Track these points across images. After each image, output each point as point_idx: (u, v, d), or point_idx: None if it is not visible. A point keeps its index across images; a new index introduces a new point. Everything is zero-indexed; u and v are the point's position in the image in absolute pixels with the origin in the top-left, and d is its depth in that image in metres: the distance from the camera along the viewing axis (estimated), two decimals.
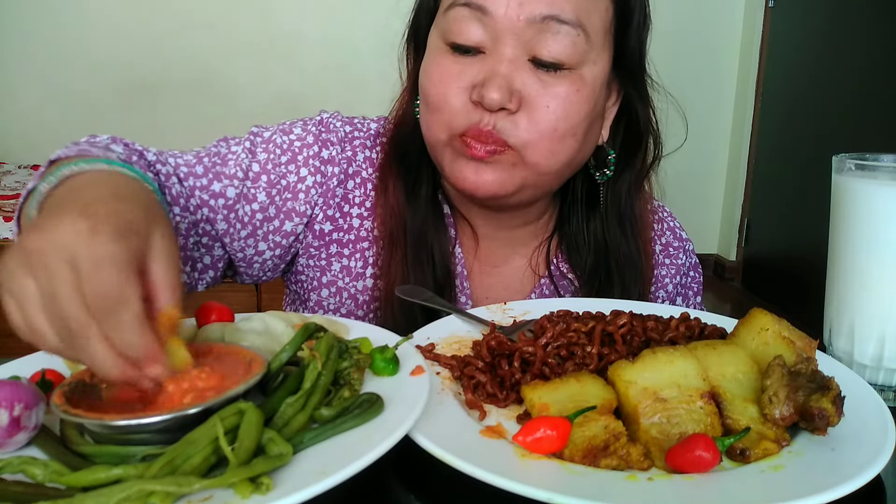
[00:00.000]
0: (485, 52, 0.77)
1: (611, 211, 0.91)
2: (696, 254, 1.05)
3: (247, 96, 3.52)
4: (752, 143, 3.93)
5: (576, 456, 0.49)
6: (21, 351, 0.62)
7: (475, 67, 0.77)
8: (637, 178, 0.92)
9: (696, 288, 1.05)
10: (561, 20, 0.75)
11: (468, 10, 0.77)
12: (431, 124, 0.81)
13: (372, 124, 0.94)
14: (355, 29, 3.52)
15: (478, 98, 0.76)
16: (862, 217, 0.69)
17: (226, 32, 3.46)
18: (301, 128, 0.88)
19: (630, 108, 0.88)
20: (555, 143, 0.78)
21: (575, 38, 0.76)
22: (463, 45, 0.77)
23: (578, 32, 0.76)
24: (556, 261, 0.94)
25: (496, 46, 0.76)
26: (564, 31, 0.75)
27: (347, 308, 0.90)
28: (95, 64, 3.39)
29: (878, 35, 2.89)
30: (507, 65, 0.76)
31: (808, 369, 0.54)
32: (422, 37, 0.85)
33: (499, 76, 0.75)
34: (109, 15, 3.37)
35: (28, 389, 0.48)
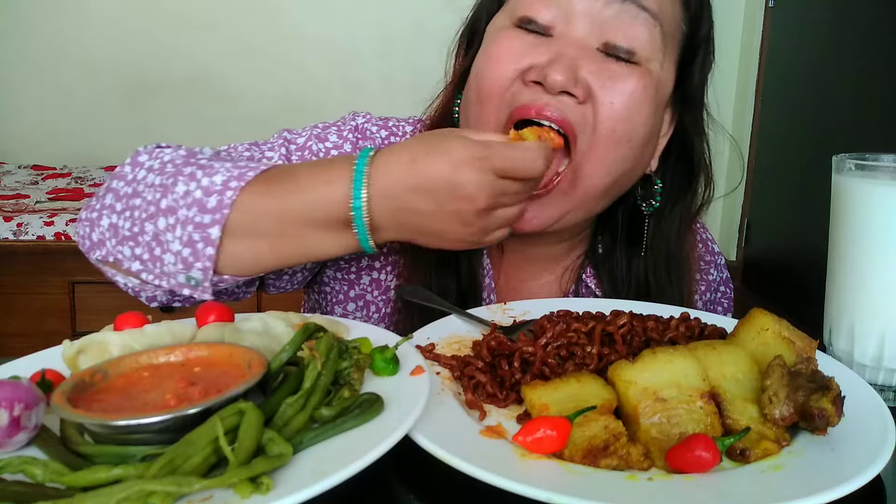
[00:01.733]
0: (553, 36, 0.73)
1: (658, 251, 0.86)
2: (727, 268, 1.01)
3: (247, 96, 3.51)
4: (752, 143, 3.93)
5: (576, 456, 0.49)
6: (21, 351, 0.62)
7: (540, 49, 0.72)
8: (686, 217, 0.86)
9: (726, 304, 1.01)
10: (641, 6, 0.72)
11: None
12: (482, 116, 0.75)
13: (407, 127, 0.90)
14: (355, 29, 3.52)
15: (538, 77, 0.71)
16: (862, 217, 0.69)
17: (226, 32, 3.46)
18: (337, 135, 0.85)
19: (684, 140, 0.83)
20: (611, 148, 0.73)
21: (652, 28, 0.72)
22: (533, 18, 0.73)
23: (656, 24, 0.73)
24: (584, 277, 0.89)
25: (567, 29, 0.72)
26: (643, 17, 0.72)
27: (373, 322, 0.88)
28: (95, 64, 3.39)
29: (878, 35, 2.88)
30: (575, 49, 0.71)
31: (808, 369, 0.54)
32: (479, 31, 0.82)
33: (566, 58, 0.71)
34: (109, 15, 3.37)
35: (28, 389, 0.48)
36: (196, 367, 0.54)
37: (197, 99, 3.50)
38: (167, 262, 0.66)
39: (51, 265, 2.43)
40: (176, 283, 0.67)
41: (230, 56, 3.48)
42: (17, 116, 3.39)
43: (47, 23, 3.33)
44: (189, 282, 0.66)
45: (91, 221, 0.70)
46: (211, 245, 0.64)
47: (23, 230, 2.42)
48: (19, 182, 2.99)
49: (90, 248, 0.71)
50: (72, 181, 3.05)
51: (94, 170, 3.23)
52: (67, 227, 2.44)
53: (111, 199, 0.69)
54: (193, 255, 0.64)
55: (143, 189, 0.67)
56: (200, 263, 0.65)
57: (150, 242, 0.66)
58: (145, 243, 0.66)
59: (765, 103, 3.83)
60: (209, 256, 0.64)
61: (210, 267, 0.65)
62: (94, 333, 0.58)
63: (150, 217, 0.66)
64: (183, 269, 0.65)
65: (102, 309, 2.45)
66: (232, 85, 3.50)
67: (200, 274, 0.65)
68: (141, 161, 0.71)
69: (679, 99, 0.82)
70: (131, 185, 0.69)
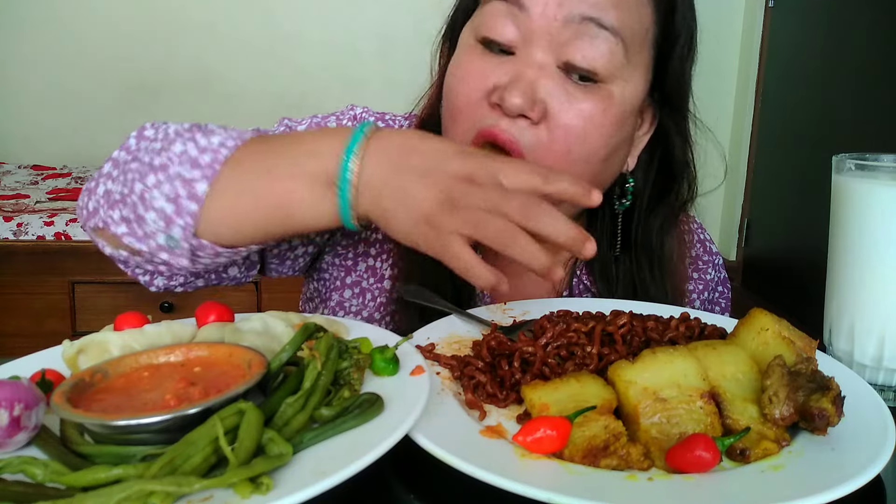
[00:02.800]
0: (514, 54, 0.74)
1: (641, 249, 0.86)
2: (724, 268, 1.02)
3: (247, 96, 3.51)
4: (752, 143, 3.93)
5: (576, 456, 0.49)
6: (21, 351, 0.62)
7: (503, 69, 0.73)
8: (669, 214, 0.86)
9: (723, 304, 1.02)
10: (601, 24, 0.71)
11: (505, 5, 0.73)
12: (449, 129, 0.77)
13: (403, 121, 0.91)
14: (355, 29, 3.52)
15: (497, 100, 0.72)
16: (862, 217, 0.69)
17: (226, 32, 3.46)
18: (336, 123, 0.86)
19: (667, 141, 0.83)
20: (565, 166, 0.73)
21: (613, 47, 0.71)
22: (494, 40, 0.73)
23: (617, 41, 0.72)
24: (579, 273, 0.90)
25: (527, 48, 0.72)
26: (603, 36, 0.71)
27: (369, 311, 0.88)
28: (95, 64, 3.39)
29: (878, 35, 2.89)
30: (535, 70, 0.72)
31: (808, 369, 0.54)
32: (457, 34, 0.82)
33: (524, 80, 0.71)
34: (109, 15, 3.37)
35: (28, 389, 0.48)
36: (196, 367, 0.54)
37: (197, 99, 3.50)
38: (149, 221, 0.63)
39: (51, 265, 2.43)
40: (155, 245, 0.64)
41: (230, 56, 3.48)
42: (17, 116, 3.39)
43: (47, 23, 3.33)
44: (168, 243, 0.64)
45: (89, 191, 0.70)
46: (195, 201, 0.62)
47: (23, 230, 2.42)
48: (19, 182, 2.99)
49: (87, 217, 0.70)
50: (72, 181, 3.05)
51: (93, 170, 3.23)
52: (67, 227, 2.44)
53: (109, 167, 0.69)
54: (176, 210, 0.62)
55: (141, 154, 0.66)
56: (182, 220, 0.62)
57: (137, 202, 0.64)
58: (132, 203, 0.64)
59: (765, 103, 3.83)
60: (192, 213, 0.62)
61: (191, 224, 0.62)
62: (94, 333, 0.58)
63: (141, 177, 0.64)
64: (164, 226, 0.63)
65: (102, 309, 2.45)
66: (232, 85, 3.50)
67: (180, 232, 0.63)
68: (146, 134, 0.70)
69: (658, 97, 0.81)
70: (132, 153, 0.68)
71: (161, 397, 0.49)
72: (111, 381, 0.52)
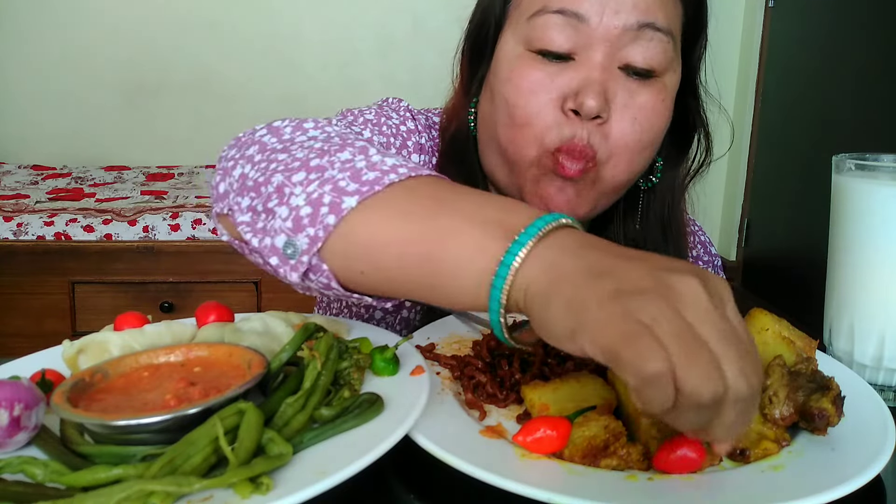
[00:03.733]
0: (574, 59, 0.75)
1: (652, 217, 0.89)
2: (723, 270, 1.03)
3: (247, 96, 3.51)
4: (752, 143, 3.93)
5: (576, 456, 0.49)
6: (21, 351, 0.62)
7: (567, 75, 0.75)
8: (682, 182, 0.89)
9: None
10: (656, 27, 0.75)
11: (562, 17, 0.74)
12: (518, 139, 0.77)
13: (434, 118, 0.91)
14: (355, 29, 3.52)
15: (574, 106, 0.74)
16: (862, 217, 0.69)
17: (226, 32, 3.46)
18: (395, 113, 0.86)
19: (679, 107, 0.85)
20: (636, 154, 0.77)
21: (666, 46, 0.76)
22: (555, 52, 0.75)
23: (669, 39, 0.76)
24: None
25: (588, 53, 0.75)
26: (658, 38, 0.75)
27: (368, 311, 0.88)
28: (95, 64, 3.39)
29: (878, 35, 2.89)
30: (601, 71, 0.74)
31: (808, 369, 0.54)
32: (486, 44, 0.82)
33: (595, 83, 0.73)
34: (109, 15, 3.37)
35: (28, 389, 0.48)
36: (196, 367, 0.54)
37: (197, 99, 3.50)
38: (278, 216, 0.55)
39: (51, 265, 2.43)
40: (271, 244, 0.55)
41: (230, 56, 3.48)
42: (17, 116, 3.39)
43: (47, 23, 3.33)
44: (286, 249, 0.54)
45: (224, 171, 0.62)
46: (336, 213, 0.52)
47: (23, 230, 2.42)
48: (19, 182, 2.99)
49: (215, 199, 0.62)
50: (72, 181, 3.05)
51: (94, 170, 3.23)
52: (67, 227, 2.44)
53: (254, 150, 0.61)
54: (311, 217, 0.53)
55: (296, 148, 0.59)
56: (312, 230, 0.53)
57: (272, 193, 0.56)
58: (266, 194, 0.56)
59: (765, 103, 3.83)
60: (326, 226, 0.52)
61: (321, 237, 0.52)
62: (94, 333, 0.58)
63: (287, 169, 0.56)
64: (291, 229, 0.54)
65: (102, 309, 2.45)
66: (232, 85, 3.50)
67: (305, 242, 0.53)
68: (306, 127, 0.64)
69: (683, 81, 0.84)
70: (285, 142, 0.61)
71: (161, 397, 0.49)
72: (111, 381, 0.52)
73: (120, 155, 3.43)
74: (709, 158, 0.89)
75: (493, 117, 0.80)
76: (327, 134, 0.62)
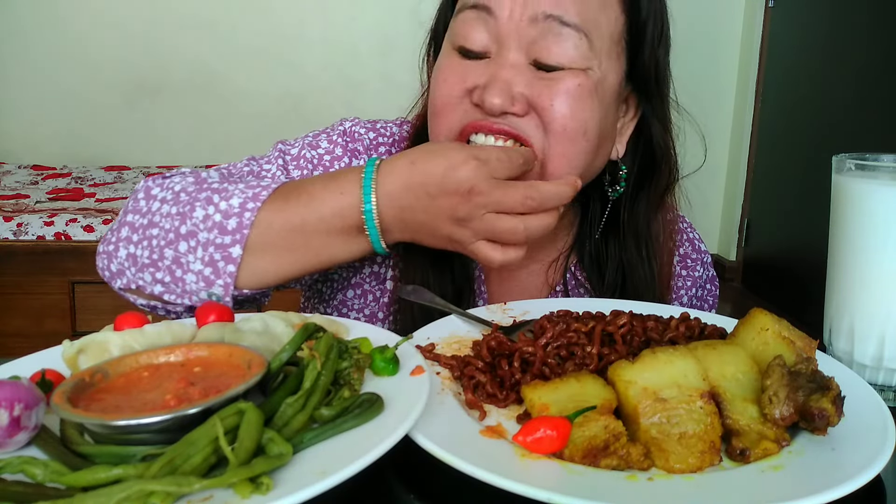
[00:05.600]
0: (489, 57, 0.78)
1: (628, 231, 0.90)
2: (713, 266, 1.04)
3: (247, 97, 3.52)
4: (752, 143, 3.93)
5: (576, 456, 0.49)
6: (21, 351, 0.62)
7: (479, 70, 0.78)
8: (652, 198, 0.90)
9: (711, 301, 1.04)
10: (563, 22, 0.75)
11: (475, 11, 0.78)
12: (434, 129, 0.81)
13: (394, 128, 0.94)
14: (355, 29, 3.53)
15: (478, 101, 0.77)
16: (862, 217, 0.69)
17: (226, 33, 3.46)
18: (327, 140, 0.90)
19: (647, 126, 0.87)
20: (567, 144, 0.77)
21: (577, 42, 0.76)
22: (469, 49, 0.78)
23: (581, 37, 0.76)
24: (573, 269, 0.93)
25: (500, 51, 0.77)
26: (566, 33, 0.75)
27: (371, 310, 0.91)
28: (95, 64, 3.39)
29: (878, 35, 2.89)
30: (508, 69, 0.76)
31: (808, 369, 0.54)
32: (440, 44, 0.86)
33: (500, 80, 0.76)
34: (109, 15, 3.37)
35: (28, 389, 0.48)
36: (196, 367, 0.54)
37: (197, 99, 3.50)
38: (188, 282, 0.71)
39: (51, 265, 2.43)
40: (197, 299, 0.72)
41: (230, 56, 3.48)
42: (17, 116, 3.40)
43: (47, 23, 3.34)
44: (210, 297, 0.72)
45: (108, 254, 0.76)
46: (232, 263, 0.70)
47: (23, 230, 2.42)
48: (19, 182, 3.00)
49: (111, 278, 0.77)
50: (72, 181, 3.05)
51: (94, 170, 3.23)
52: (67, 227, 2.44)
53: (127, 231, 0.75)
54: (214, 273, 0.70)
55: (159, 219, 0.73)
56: (221, 280, 0.70)
57: (171, 266, 0.72)
58: (166, 267, 0.72)
59: (765, 103, 3.83)
60: (230, 273, 0.70)
61: (231, 283, 0.71)
62: (94, 333, 0.58)
63: (169, 243, 0.72)
64: (205, 286, 0.71)
65: (102, 309, 2.45)
66: (232, 85, 3.51)
67: (221, 290, 0.71)
68: (154, 194, 0.76)
69: (637, 86, 0.84)
70: (146, 216, 0.74)
71: (161, 397, 0.49)
72: (111, 381, 0.52)
73: (120, 155, 3.43)
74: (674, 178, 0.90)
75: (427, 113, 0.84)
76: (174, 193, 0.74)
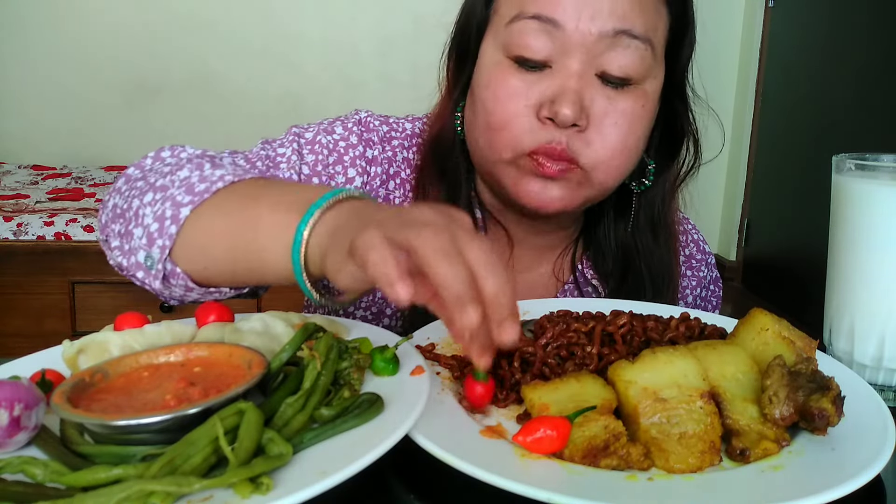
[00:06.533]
0: (551, 67, 0.76)
1: (643, 218, 0.90)
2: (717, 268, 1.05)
3: (247, 96, 3.51)
4: (752, 143, 3.93)
5: (576, 456, 0.49)
6: (21, 351, 0.62)
7: (543, 83, 0.76)
8: (672, 185, 0.90)
9: (714, 302, 1.04)
10: (632, 35, 0.74)
11: (538, 23, 0.74)
12: (494, 143, 0.78)
13: (406, 124, 0.93)
14: (355, 29, 3.52)
15: (549, 114, 0.75)
16: (862, 217, 0.69)
17: (226, 32, 3.46)
18: (342, 127, 0.87)
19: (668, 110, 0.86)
20: (621, 159, 0.78)
21: (643, 53, 0.76)
22: (531, 59, 0.76)
23: (647, 47, 0.76)
24: (581, 266, 0.93)
25: (564, 61, 0.75)
26: (634, 45, 0.75)
27: (378, 307, 0.90)
28: (95, 64, 3.39)
29: (878, 35, 2.89)
30: (576, 80, 0.75)
31: (808, 369, 0.54)
32: (469, 48, 0.83)
33: (571, 91, 0.74)
34: (109, 15, 3.37)
35: (28, 389, 0.48)
36: (196, 367, 0.54)
37: (197, 99, 3.50)
38: (135, 236, 0.66)
39: (51, 265, 2.43)
40: (135, 261, 0.66)
41: (230, 56, 3.48)
42: (17, 116, 3.39)
43: (47, 22, 3.33)
44: (146, 262, 0.65)
45: (104, 204, 0.74)
46: (176, 224, 0.63)
47: (23, 230, 2.42)
48: (19, 182, 2.99)
49: (100, 229, 0.73)
50: (72, 181, 3.04)
51: (94, 170, 3.23)
52: (67, 227, 2.44)
53: (122, 182, 0.73)
54: (159, 230, 0.64)
55: (149, 174, 0.70)
56: (161, 241, 0.64)
57: (131, 217, 0.67)
58: (128, 218, 0.67)
59: (765, 103, 3.83)
60: (170, 235, 0.63)
61: (167, 246, 0.64)
62: (94, 333, 0.58)
63: (140, 194, 0.67)
64: (146, 244, 0.65)
65: (102, 309, 2.45)
66: (232, 85, 3.50)
67: (158, 253, 0.64)
68: (163, 156, 0.74)
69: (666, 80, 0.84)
70: (143, 171, 0.72)
71: (161, 397, 0.49)
72: (111, 381, 0.52)
73: (120, 155, 3.43)
74: (698, 162, 0.90)
75: (473, 122, 0.81)
76: (178, 157, 0.72)
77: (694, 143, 0.89)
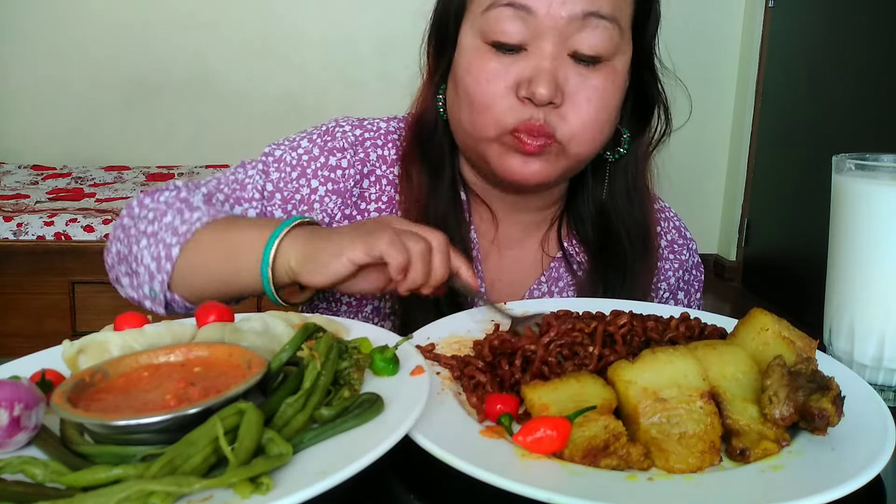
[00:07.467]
0: (527, 50, 0.80)
1: (619, 184, 0.94)
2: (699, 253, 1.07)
3: (247, 96, 3.52)
4: (752, 143, 3.93)
5: (576, 456, 0.49)
6: (21, 351, 0.62)
7: (520, 65, 0.80)
8: (645, 151, 0.95)
9: (696, 286, 1.07)
10: (600, 15, 0.79)
11: (512, 10, 0.79)
12: (478, 123, 0.83)
13: (381, 124, 0.97)
14: (355, 29, 3.52)
15: (527, 94, 0.79)
16: (862, 217, 0.69)
17: (226, 32, 3.46)
18: (307, 140, 0.92)
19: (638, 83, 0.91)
20: (596, 132, 0.83)
21: (611, 32, 0.80)
22: (507, 43, 0.80)
23: (614, 26, 0.80)
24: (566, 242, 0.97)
25: (538, 44, 0.80)
26: (602, 25, 0.79)
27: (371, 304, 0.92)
28: (95, 64, 3.39)
29: (878, 35, 2.89)
30: (550, 61, 0.79)
31: (808, 369, 0.54)
32: (449, 34, 0.88)
33: (545, 72, 0.79)
34: (109, 15, 3.37)
35: (28, 389, 0.48)
36: (196, 367, 0.54)
37: (197, 99, 3.50)
38: (140, 274, 0.80)
39: (51, 265, 2.43)
40: (143, 294, 0.81)
41: (230, 56, 3.48)
42: (17, 116, 3.39)
43: (47, 23, 3.34)
44: (150, 294, 0.80)
45: (108, 250, 0.87)
46: (170, 260, 0.77)
47: (23, 230, 2.42)
48: (19, 182, 2.99)
49: (108, 270, 0.88)
50: (72, 181, 3.05)
51: (94, 170, 3.23)
52: (67, 227, 2.44)
53: (120, 231, 0.85)
54: (157, 267, 0.78)
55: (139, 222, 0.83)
56: (160, 276, 0.78)
57: (133, 260, 0.81)
58: (130, 261, 0.81)
59: (765, 103, 3.83)
60: (167, 271, 0.78)
61: (166, 280, 0.78)
62: (94, 333, 0.58)
63: (136, 240, 0.81)
64: (149, 280, 0.79)
65: (102, 309, 2.45)
66: (232, 85, 3.51)
67: (159, 285, 0.79)
68: (146, 203, 0.85)
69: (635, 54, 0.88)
70: (134, 220, 0.84)
71: (161, 397, 0.49)
72: (111, 381, 0.52)
73: (120, 155, 3.43)
74: (669, 129, 0.95)
75: (457, 104, 0.86)
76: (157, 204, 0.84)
77: (664, 111, 0.93)
